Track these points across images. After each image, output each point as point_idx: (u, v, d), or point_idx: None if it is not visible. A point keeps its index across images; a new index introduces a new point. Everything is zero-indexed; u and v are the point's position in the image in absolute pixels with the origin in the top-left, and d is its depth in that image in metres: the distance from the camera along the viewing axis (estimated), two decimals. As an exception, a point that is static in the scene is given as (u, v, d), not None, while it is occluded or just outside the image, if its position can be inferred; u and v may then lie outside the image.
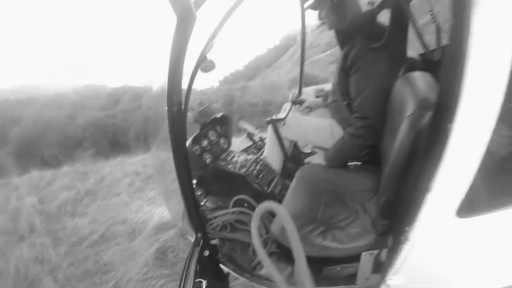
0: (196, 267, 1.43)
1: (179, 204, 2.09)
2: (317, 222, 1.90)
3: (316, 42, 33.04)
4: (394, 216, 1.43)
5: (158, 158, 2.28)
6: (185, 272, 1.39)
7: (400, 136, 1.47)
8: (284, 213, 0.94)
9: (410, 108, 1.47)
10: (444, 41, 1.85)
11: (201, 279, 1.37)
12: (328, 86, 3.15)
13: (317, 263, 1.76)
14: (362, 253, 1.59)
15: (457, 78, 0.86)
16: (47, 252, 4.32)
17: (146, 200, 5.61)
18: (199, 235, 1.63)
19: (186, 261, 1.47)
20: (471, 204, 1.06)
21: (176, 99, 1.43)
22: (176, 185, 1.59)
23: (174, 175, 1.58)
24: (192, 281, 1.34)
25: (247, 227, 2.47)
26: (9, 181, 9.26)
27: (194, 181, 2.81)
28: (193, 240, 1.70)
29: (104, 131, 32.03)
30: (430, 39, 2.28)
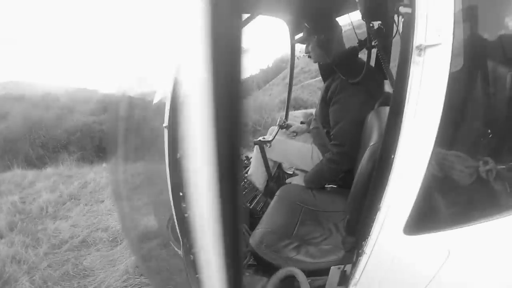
0: None
1: (164, 214, 2.22)
2: (293, 238, 2.06)
3: (308, 68, 33.63)
4: (356, 233, 1.58)
5: (148, 169, 2.38)
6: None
7: (363, 162, 1.65)
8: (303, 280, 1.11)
9: (373, 139, 1.67)
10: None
11: None
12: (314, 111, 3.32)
13: (289, 276, 1.90)
14: (331, 267, 1.71)
15: (398, 119, 1.09)
16: (25, 251, 4.32)
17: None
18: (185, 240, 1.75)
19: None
20: (418, 224, 1.20)
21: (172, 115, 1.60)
22: (164, 196, 1.77)
23: (163, 186, 1.76)
24: None
25: None
26: (-9, 176, 9.19)
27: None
28: (180, 247, 1.86)
29: (91, 137, 31.59)
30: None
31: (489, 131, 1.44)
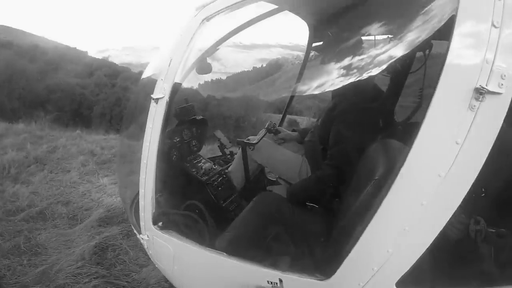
0: None
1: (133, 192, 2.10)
2: (262, 251, 1.91)
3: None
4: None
5: (126, 145, 2.31)
6: None
7: (365, 195, 1.51)
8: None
9: (378, 172, 1.53)
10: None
11: None
12: (300, 119, 3.21)
13: None
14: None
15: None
16: (-24, 214, 4.00)
17: (96, 186, 5.37)
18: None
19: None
20: (411, 279, 1.18)
21: (166, 87, 1.55)
22: (137, 173, 1.69)
23: (139, 162, 1.68)
24: None
25: (191, 232, 2.41)
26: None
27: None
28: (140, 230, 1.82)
29: (71, 99, 30.85)
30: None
31: (483, 189, 1.42)
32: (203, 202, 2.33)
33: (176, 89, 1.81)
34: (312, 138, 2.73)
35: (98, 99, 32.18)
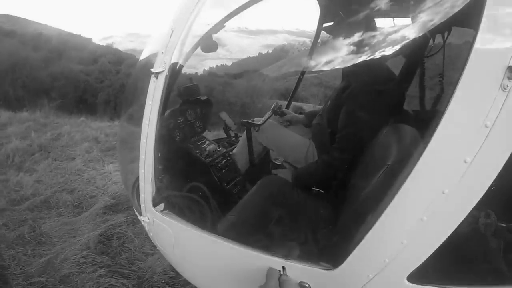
0: None
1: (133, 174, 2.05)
2: (264, 236, 1.87)
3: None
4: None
5: (127, 127, 2.26)
6: None
7: (377, 181, 1.47)
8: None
9: (390, 158, 1.49)
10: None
11: None
12: (306, 106, 3.14)
13: None
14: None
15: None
16: (-20, 203, 3.96)
17: (101, 173, 5.31)
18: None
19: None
20: (423, 273, 1.14)
21: (167, 60, 1.47)
22: (139, 152, 1.64)
23: (139, 141, 1.62)
24: None
25: (193, 215, 2.35)
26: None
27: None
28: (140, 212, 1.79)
29: (75, 86, 30.85)
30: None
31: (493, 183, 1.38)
32: (206, 184, 2.29)
33: (177, 64, 1.70)
34: (320, 121, 2.65)
35: (103, 86, 32.13)
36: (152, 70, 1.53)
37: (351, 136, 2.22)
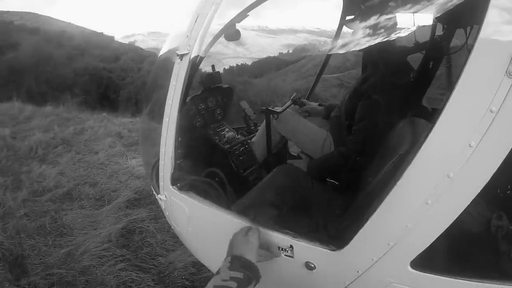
0: None
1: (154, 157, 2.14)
2: (277, 219, 1.92)
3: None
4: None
5: (150, 115, 2.34)
6: None
7: (387, 170, 1.50)
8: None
9: (403, 148, 1.52)
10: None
11: None
12: None
13: None
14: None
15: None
16: (3, 194, 3.99)
17: (123, 168, 5.28)
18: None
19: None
20: (426, 261, 1.15)
21: (191, 43, 1.53)
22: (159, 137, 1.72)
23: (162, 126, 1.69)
24: None
25: (209, 196, 2.32)
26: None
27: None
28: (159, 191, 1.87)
29: (98, 83, 31.50)
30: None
31: (510, 186, 1.43)
32: (223, 169, 2.33)
33: (202, 48, 1.75)
34: (338, 114, 2.66)
35: (125, 83, 32.75)
36: (177, 52, 1.59)
37: (367, 129, 2.26)
